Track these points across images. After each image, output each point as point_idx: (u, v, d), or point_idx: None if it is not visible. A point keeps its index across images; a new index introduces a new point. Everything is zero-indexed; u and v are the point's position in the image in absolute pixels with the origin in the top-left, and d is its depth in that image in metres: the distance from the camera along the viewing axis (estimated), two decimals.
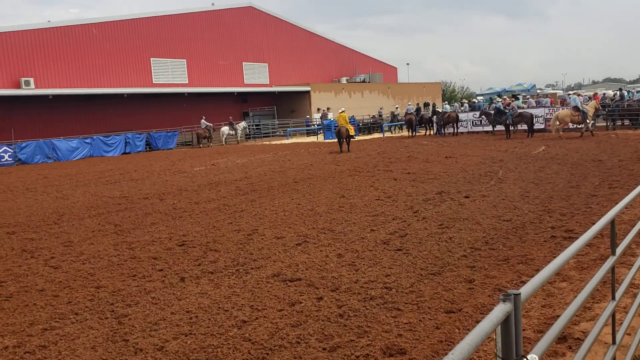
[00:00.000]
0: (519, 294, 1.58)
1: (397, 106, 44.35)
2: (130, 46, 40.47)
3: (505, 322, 1.53)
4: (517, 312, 1.57)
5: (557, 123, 23.90)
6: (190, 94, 41.50)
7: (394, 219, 9.07)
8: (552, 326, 1.96)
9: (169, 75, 43.11)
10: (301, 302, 5.44)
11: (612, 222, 2.71)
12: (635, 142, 19.46)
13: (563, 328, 1.96)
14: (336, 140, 25.18)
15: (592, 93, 29.82)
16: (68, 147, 31.48)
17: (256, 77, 49.21)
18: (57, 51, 36.25)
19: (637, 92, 34.36)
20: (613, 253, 2.78)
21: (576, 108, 24.02)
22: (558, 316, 4.70)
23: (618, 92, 31.15)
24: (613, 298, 2.80)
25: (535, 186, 11.49)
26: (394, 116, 40.41)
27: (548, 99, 32.48)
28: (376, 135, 37.84)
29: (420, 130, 34.51)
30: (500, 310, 1.51)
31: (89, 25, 38.23)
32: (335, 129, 24.42)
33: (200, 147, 36.13)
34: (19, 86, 33.62)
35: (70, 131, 34.67)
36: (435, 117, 33.06)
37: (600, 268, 2.64)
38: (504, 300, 1.55)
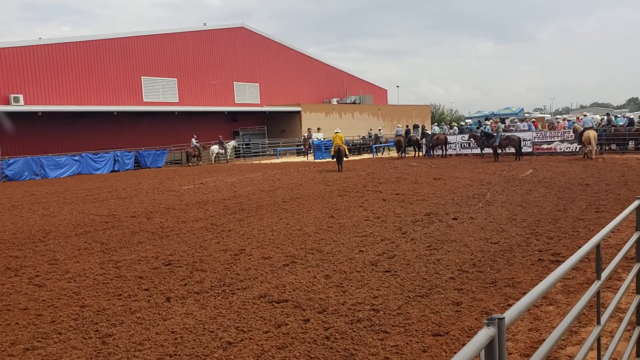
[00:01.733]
0: (503, 318, 1.58)
1: (380, 128, 44.46)
2: (122, 64, 40.56)
3: (489, 347, 1.53)
4: (501, 337, 1.57)
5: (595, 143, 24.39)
6: (180, 113, 41.57)
7: (382, 240, 9.06)
8: (537, 351, 1.96)
9: (160, 93, 43.17)
10: (287, 324, 5.39)
11: (598, 247, 2.73)
12: (621, 167, 19.67)
13: (548, 352, 1.96)
14: (325, 160, 25.30)
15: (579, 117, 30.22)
16: (56, 164, 31.31)
17: (247, 96, 49.43)
18: (48, 68, 36.23)
19: (624, 117, 34.82)
20: (598, 277, 2.80)
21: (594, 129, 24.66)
22: (545, 340, 4.70)
23: (605, 117, 31.57)
24: (598, 323, 2.81)
25: (523, 209, 11.55)
26: (376, 138, 40.51)
27: (525, 123, 33.06)
28: (366, 155, 38.01)
29: (409, 152, 34.73)
30: (483, 334, 1.50)
31: (80, 43, 38.29)
32: (334, 149, 24.71)
33: (189, 166, 36.08)
34: (8, 102, 33.50)
35: (59, 148, 34.54)
36: (424, 139, 33.34)
37: (586, 292, 2.65)
38: (488, 325, 1.55)
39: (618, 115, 36.03)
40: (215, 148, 38.92)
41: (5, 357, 4.92)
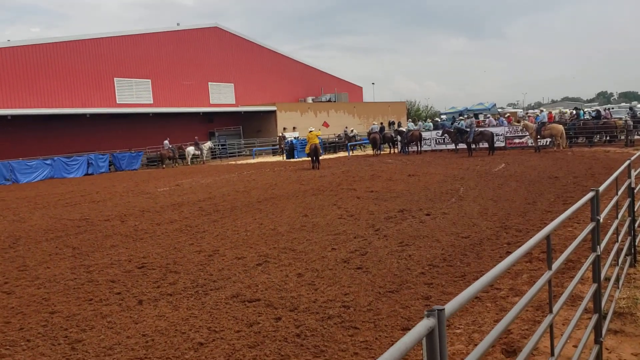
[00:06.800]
0: (443, 309, 1.65)
1: (352, 128, 43.30)
2: (94, 66, 40.04)
3: (429, 337, 1.59)
4: (442, 327, 1.63)
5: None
6: (155, 114, 41.19)
7: (355, 238, 9.14)
8: (484, 339, 2.03)
9: (134, 95, 42.73)
10: (259, 323, 5.43)
11: (548, 238, 2.82)
12: (589, 160, 20.09)
13: (493, 342, 2.04)
14: (300, 159, 25.41)
15: (546, 112, 30.93)
16: (28, 169, 30.77)
17: (222, 97, 49.18)
18: (17, 71, 35.62)
19: (593, 111, 35.49)
20: (549, 268, 2.89)
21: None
22: (509, 330, 4.82)
23: (574, 111, 32.17)
24: (551, 311, 2.90)
25: (494, 203, 11.75)
26: (348, 137, 39.97)
27: (490, 118, 34.24)
28: (342, 154, 38.11)
29: (384, 149, 34.91)
30: (423, 325, 1.56)
31: (50, 45, 37.69)
32: (311, 147, 24.92)
33: (163, 168, 35.79)
34: None
35: (30, 152, 33.92)
36: (399, 135, 33.55)
37: (536, 283, 2.74)
38: (428, 316, 1.61)
39: (586, 109, 36.72)
40: (191, 149, 38.67)
41: None
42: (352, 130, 41.81)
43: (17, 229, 12.46)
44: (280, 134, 39.39)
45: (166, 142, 37.77)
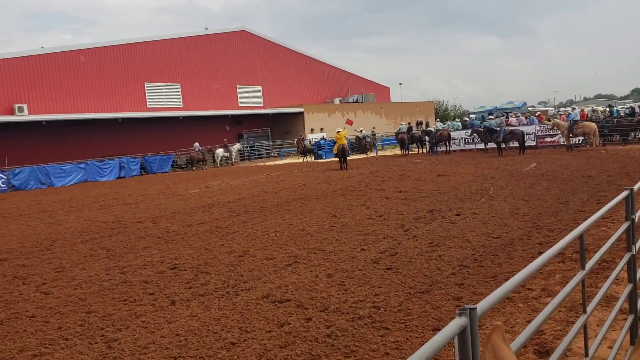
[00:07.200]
0: (475, 308, 1.66)
1: (361, 129, 39.91)
2: (124, 71, 40.79)
3: (461, 336, 1.60)
4: (474, 326, 1.64)
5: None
6: (185, 118, 41.75)
7: (384, 238, 9.13)
8: (516, 339, 2.03)
9: (164, 99, 43.40)
10: (290, 323, 5.48)
11: (581, 238, 2.79)
12: (624, 158, 19.64)
13: (525, 343, 2.04)
14: (328, 159, 25.42)
15: (578, 109, 30.40)
16: (62, 173, 31.52)
17: (250, 99, 49.60)
18: (51, 77, 36.52)
19: (627, 108, 34.68)
20: (582, 268, 2.86)
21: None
22: (541, 330, 4.77)
23: (607, 109, 31.50)
24: (584, 311, 2.87)
25: (525, 203, 11.59)
26: (359, 140, 38.26)
27: (520, 116, 33.69)
28: (370, 154, 38.01)
29: (413, 149, 34.69)
30: (455, 324, 1.58)
31: (81, 51, 38.55)
32: (338, 147, 25.03)
33: (193, 170, 36.25)
34: (12, 112, 33.79)
35: (64, 157, 34.76)
36: (427, 135, 33.30)
37: (568, 283, 2.72)
38: (460, 315, 1.62)
39: (620, 107, 35.94)
40: (220, 151, 39.17)
41: None
42: (361, 131, 39.38)
43: (53, 232, 12.79)
44: (300, 136, 39.19)
45: (196, 144, 38.33)
